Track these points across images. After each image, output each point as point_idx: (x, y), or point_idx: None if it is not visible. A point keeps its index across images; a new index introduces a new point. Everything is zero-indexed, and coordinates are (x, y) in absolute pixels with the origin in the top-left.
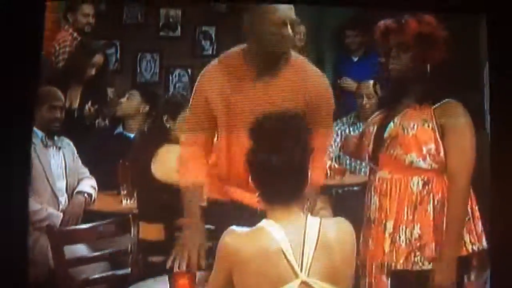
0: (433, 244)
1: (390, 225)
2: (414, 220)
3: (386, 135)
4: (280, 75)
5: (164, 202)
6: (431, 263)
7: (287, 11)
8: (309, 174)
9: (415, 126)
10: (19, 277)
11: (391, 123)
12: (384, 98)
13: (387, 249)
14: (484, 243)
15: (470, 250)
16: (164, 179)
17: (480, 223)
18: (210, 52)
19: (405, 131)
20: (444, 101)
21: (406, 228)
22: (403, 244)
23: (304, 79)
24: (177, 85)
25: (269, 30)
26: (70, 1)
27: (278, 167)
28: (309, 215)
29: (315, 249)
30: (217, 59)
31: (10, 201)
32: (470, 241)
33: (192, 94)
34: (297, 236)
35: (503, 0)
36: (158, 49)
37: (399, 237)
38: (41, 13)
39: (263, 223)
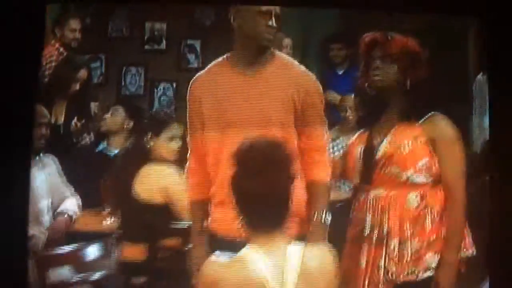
0: (427, 255)
1: (391, 242)
2: (414, 235)
3: (379, 154)
4: (266, 70)
5: (147, 222)
6: (429, 271)
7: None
8: (290, 202)
9: (409, 143)
10: None
11: (384, 143)
12: (365, 115)
13: (384, 265)
14: (473, 249)
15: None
16: (147, 199)
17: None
18: (196, 66)
19: (400, 149)
20: (429, 114)
21: (406, 243)
22: (403, 259)
23: (291, 76)
24: (161, 99)
25: (254, 20)
26: (58, 15)
27: (262, 194)
28: (291, 243)
29: (297, 278)
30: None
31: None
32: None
33: (188, 104)
34: (278, 265)
35: (501, 4)
36: (143, 63)
37: (399, 252)
38: (41, 15)
39: (245, 251)
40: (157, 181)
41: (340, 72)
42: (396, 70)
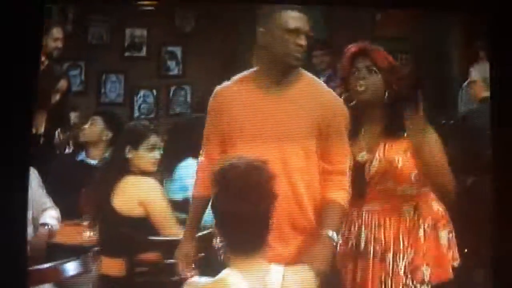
0: (424, 267)
1: (389, 255)
2: (409, 246)
3: (373, 171)
4: (292, 90)
5: (125, 235)
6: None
7: (301, 20)
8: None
9: (399, 159)
10: None
11: (375, 161)
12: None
13: (384, 279)
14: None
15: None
16: (126, 211)
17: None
18: (176, 72)
19: (393, 165)
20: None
21: (402, 255)
22: (401, 272)
23: (317, 98)
24: (142, 106)
25: (282, 39)
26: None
27: (242, 216)
28: (272, 264)
29: None
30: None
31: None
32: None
33: (208, 111)
34: (259, 287)
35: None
36: (123, 70)
37: (397, 265)
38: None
39: (225, 273)
40: (136, 194)
41: (323, 79)
42: (381, 81)
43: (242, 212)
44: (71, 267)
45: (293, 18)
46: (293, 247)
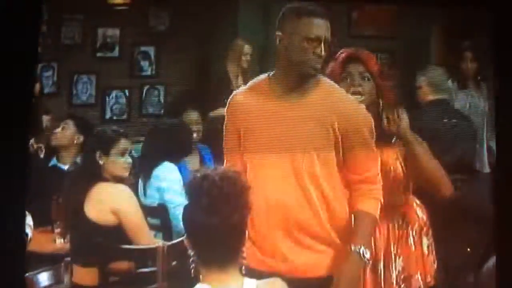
0: (418, 275)
1: (380, 264)
2: (398, 254)
3: None
4: (308, 96)
5: (97, 244)
6: None
7: (323, 29)
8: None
9: (392, 168)
10: None
11: None
12: None
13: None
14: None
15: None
16: (97, 219)
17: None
18: (149, 73)
19: (389, 175)
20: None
21: (394, 264)
22: (393, 281)
23: (335, 104)
24: (114, 107)
25: (301, 47)
26: None
27: (214, 227)
28: (245, 278)
29: None
30: (245, 86)
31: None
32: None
33: (225, 124)
34: None
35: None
36: (95, 71)
37: (390, 275)
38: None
39: None
40: (108, 202)
41: None
42: (374, 88)
43: (215, 224)
44: (43, 278)
45: (316, 26)
46: (312, 259)
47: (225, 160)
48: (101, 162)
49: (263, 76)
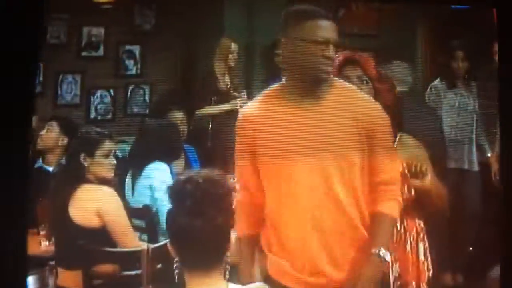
0: (414, 283)
1: None
2: (396, 261)
3: None
4: (323, 100)
5: (81, 246)
6: None
7: (330, 30)
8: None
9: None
10: None
11: None
12: None
13: None
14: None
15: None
16: (82, 222)
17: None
18: (134, 72)
19: None
20: (398, 136)
21: (391, 270)
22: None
23: (352, 106)
24: (99, 107)
25: (309, 50)
26: None
27: (199, 230)
28: (230, 284)
29: None
30: (257, 97)
31: None
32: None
33: (236, 138)
34: None
35: None
36: (80, 70)
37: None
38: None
39: None
40: (93, 204)
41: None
42: (372, 91)
43: (198, 226)
44: (29, 282)
45: (322, 28)
46: (346, 270)
47: (238, 187)
48: (85, 164)
49: (273, 85)
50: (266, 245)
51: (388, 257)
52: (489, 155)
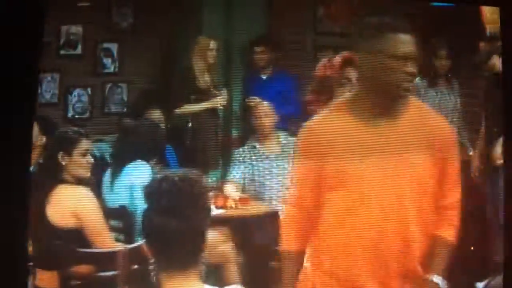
0: None
1: None
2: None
3: None
4: (399, 119)
5: (58, 247)
6: None
7: (409, 44)
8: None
9: None
10: None
11: None
12: None
13: None
14: None
15: None
16: (59, 223)
17: None
18: (112, 70)
19: None
20: None
21: None
22: None
23: (429, 127)
24: (76, 105)
25: (388, 66)
26: None
27: (174, 230)
28: (206, 285)
29: None
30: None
31: None
32: None
33: (297, 151)
34: None
35: None
36: (58, 69)
37: None
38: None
39: None
40: (69, 205)
41: (264, 77)
42: None
43: (174, 226)
44: None
45: (402, 42)
46: None
47: (290, 199)
48: (63, 163)
49: (341, 98)
50: (314, 263)
51: (442, 285)
52: (470, 153)
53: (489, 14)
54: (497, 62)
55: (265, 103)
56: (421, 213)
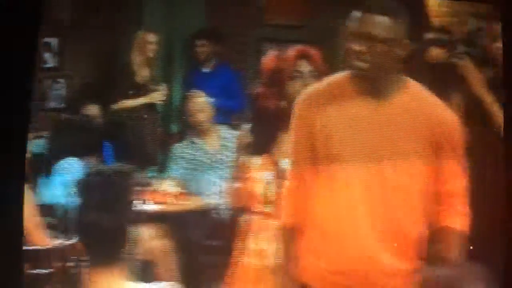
0: None
1: None
2: None
3: None
4: (393, 101)
5: None
6: None
7: (399, 26)
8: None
9: None
10: None
11: None
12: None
13: None
14: None
15: None
16: None
17: None
18: (53, 65)
19: None
20: None
21: None
22: None
23: (427, 109)
24: None
25: (377, 47)
26: None
27: (102, 226)
28: (129, 282)
29: None
30: (318, 83)
31: None
32: None
33: (293, 120)
34: None
35: None
36: None
37: None
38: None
39: None
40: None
41: (206, 71)
42: None
43: (103, 222)
44: None
45: (379, 24)
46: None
47: (288, 173)
48: None
49: (339, 74)
50: (306, 247)
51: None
52: None
53: (437, 6)
54: (434, 53)
55: (200, 97)
56: (412, 200)
